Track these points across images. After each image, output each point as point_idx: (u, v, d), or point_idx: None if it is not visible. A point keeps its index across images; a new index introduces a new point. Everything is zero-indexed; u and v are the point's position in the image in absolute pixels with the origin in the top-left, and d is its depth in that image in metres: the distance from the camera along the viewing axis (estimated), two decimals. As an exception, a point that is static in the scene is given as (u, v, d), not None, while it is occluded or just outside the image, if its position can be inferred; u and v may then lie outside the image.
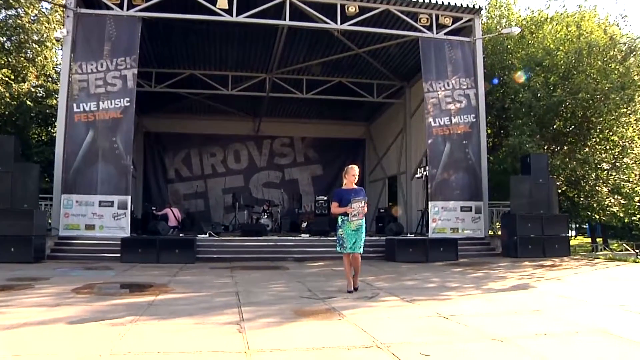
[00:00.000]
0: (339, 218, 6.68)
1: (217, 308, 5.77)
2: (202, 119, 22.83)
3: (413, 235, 14.83)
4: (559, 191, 16.42)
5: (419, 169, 16.83)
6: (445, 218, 14.25)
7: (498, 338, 4.46)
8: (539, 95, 15.49)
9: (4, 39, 17.74)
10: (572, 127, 16.46)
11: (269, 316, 5.34)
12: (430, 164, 14.45)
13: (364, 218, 6.65)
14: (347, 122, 24.15)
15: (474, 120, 14.79)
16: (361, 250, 6.64)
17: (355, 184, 6.78)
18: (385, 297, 6.73)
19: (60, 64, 16.63)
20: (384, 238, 13.39)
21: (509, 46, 18.34)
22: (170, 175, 22.93)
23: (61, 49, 13.56)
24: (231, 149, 23.65)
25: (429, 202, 14.32)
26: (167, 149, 22.92)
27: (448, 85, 14.75)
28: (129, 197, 12.57)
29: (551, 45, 16.61)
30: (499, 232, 14.95)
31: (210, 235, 13.77)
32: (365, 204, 6.55)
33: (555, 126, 16.26)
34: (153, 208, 17.69)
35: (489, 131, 17.97)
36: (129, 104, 12.64)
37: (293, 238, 14.04)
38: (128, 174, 12.60)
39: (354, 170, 6.71)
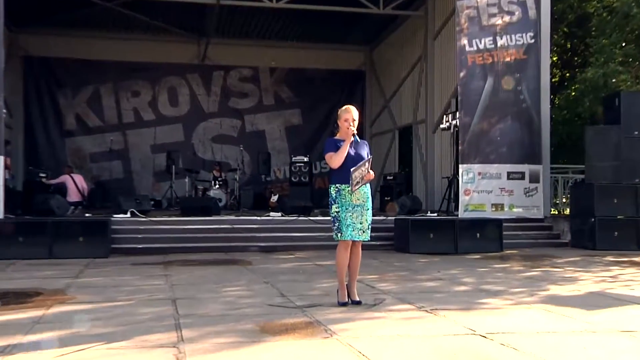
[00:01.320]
0: (332, 188, 6.75)
1: (144, 324, 5.87)
2: (118, 38, 22.80)
3: (435, 215, 15.15)
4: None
5: (445, 117, 16.88)
6: (485, 189, 14.58)
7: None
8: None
9: None
10: None
11: (221, 335, 5.44)
12: (463, 108, 14.59)
13: (369, 187, 6.79)
14: (338, 46, 24.34)
15: (532, 41, 14.92)
16: (368, 235, 6.81)
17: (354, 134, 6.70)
18: (394, 304, 6.90)
19: None
20: (393, 218, 13.73)
21: None
22: (69, 125, 23.01)
23: None
24: (164, 86, 23.73)
25: (460, 166, 14.55)
26: (63, 83, 22.90)
27: (493, -12, 14.02)
28: (1, 159, 12.68)
29: None
30: (567, 212, 15.19)
31: (133, 215, 14.00)
32: (369, 165, 6.68)
33: None
34: (42, 175, 17.67)
35: (554, 59, 18.10)
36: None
37: (258, 218, 14.38)
38: (-2, 121, 11.95)
39: (351, 112, 6.78)
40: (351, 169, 6.51)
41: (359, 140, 6.74)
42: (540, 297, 7.45)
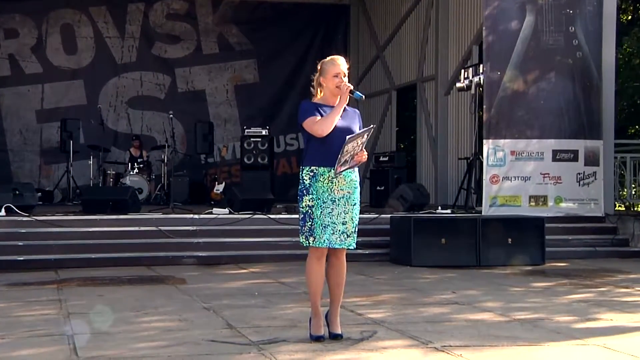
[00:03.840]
0: (305, 171, 6.28)
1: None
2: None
3: (449, 212, 14.62)
4: None
5: (463, 72, 15.93)
6: (520, 175, 13.74)
7: None
8: None
9: None
10: None
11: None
12: (490, 59, 13.99)
13: (358, 172, 6.43)
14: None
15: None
16: (353, 241, 6.26)
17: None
18: (390, 339, 6.44)
19: None
20: (388, 216, 13.23)
21: None
22: None
23: None
24: (55, 23, 21.25)
25: (485, 142, 13.96)
26: None
27: None
28: None
29: None
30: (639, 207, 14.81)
31: (9, 212, 13.07)
32: (366, 139, 6.31)
33: None
34: None
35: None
36: None
37: (196, 217, 13.52)
38: None
39: (340, 65, 6.15)
40: (347, 137, 6.07)
41: (347, 108, 6.43)
42: (597, 330, 6.92)
